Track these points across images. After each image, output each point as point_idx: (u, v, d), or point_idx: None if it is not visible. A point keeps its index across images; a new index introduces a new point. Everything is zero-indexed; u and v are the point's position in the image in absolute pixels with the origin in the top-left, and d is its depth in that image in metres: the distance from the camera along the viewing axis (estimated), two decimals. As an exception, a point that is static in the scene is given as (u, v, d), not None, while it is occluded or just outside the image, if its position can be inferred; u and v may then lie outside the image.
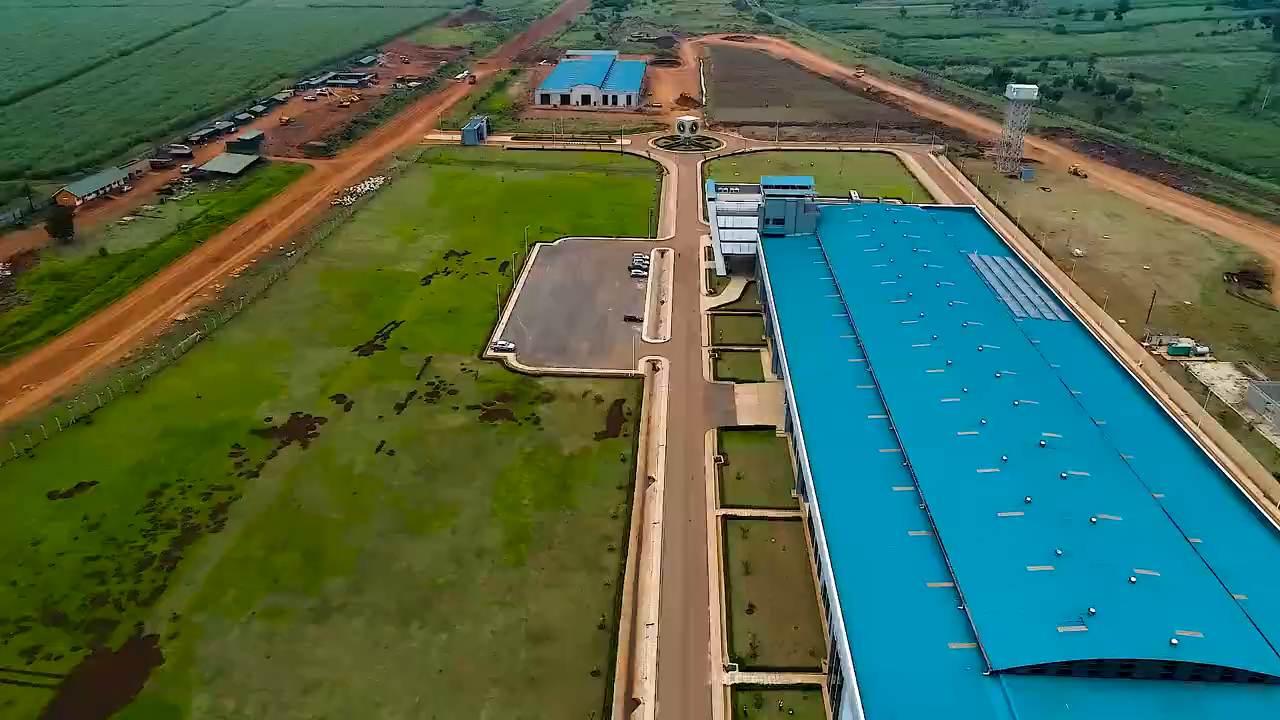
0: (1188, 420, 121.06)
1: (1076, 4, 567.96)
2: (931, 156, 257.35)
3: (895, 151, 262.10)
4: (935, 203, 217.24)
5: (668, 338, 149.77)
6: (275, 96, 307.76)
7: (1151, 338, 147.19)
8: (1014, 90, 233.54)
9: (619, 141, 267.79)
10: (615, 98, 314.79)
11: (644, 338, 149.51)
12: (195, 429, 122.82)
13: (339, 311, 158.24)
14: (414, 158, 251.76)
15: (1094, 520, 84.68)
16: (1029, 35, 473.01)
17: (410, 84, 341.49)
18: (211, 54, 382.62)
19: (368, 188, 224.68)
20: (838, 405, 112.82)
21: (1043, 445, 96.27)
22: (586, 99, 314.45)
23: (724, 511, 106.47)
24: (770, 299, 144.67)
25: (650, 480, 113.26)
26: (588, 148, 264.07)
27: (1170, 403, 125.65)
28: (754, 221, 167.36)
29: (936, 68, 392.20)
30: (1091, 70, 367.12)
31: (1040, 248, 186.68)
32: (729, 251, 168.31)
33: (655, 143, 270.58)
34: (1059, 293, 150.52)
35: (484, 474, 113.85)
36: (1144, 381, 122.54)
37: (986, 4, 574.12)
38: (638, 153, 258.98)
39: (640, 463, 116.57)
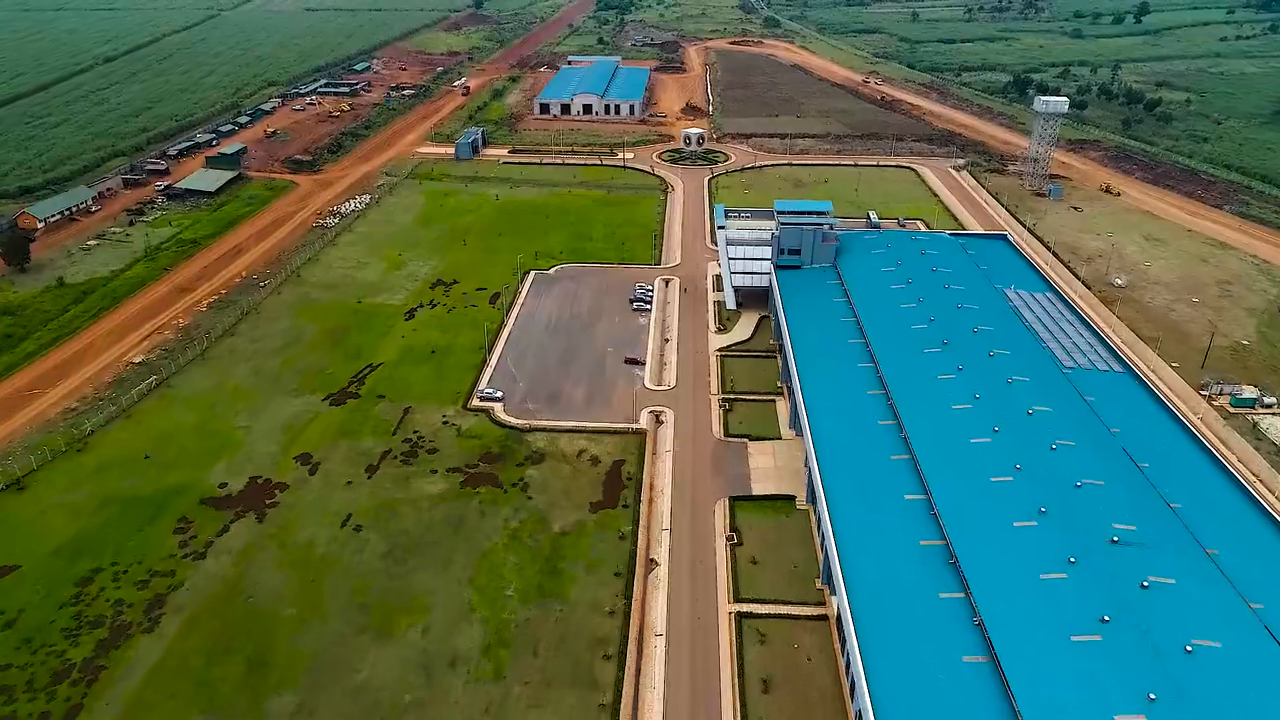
0: (1270, 497, 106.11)
1: (1093, 7, 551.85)
2: (952, 171, 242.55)
3: (914, 166, 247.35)
4: (959, 223, 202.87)
5: (673, 384, 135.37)
6: (262, 106, 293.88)
7: (1210, 385, 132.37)
8: (1042, 102, 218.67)
9: (621, 155, 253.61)
10: (618, 107, 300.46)
11: (646, 383, 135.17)
12: (139, 496, 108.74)
13: (312, 351, 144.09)
14: (404, 173, 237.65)
15: (1189, 649, 70.30)
16: (1045, 40, 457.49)
17: (404, 92, 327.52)
18: (200, 60, 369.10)
19: (353, 207, 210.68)
20: (867, 478, 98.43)
21: (1115, 542, 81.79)
22: (588, 109, 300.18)
23: (738, 607, 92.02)
24: (786, 340, 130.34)
25: (653, 564, 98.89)
26: (588, 162, 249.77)
27: (1242, 469, 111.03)
28: (767, 251, 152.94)
29: (952, 74, 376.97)
30: (1115, 77, 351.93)
31: (1078, 277, 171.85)
32: (740, 284, 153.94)
33: (660, 156, 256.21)
34: (1106, 335, 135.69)
35: (463, 555, 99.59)
36: (1223, 456, 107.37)
37: (1000, 7, 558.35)
38: (641, 168, 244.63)
39: (641, 541, 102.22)
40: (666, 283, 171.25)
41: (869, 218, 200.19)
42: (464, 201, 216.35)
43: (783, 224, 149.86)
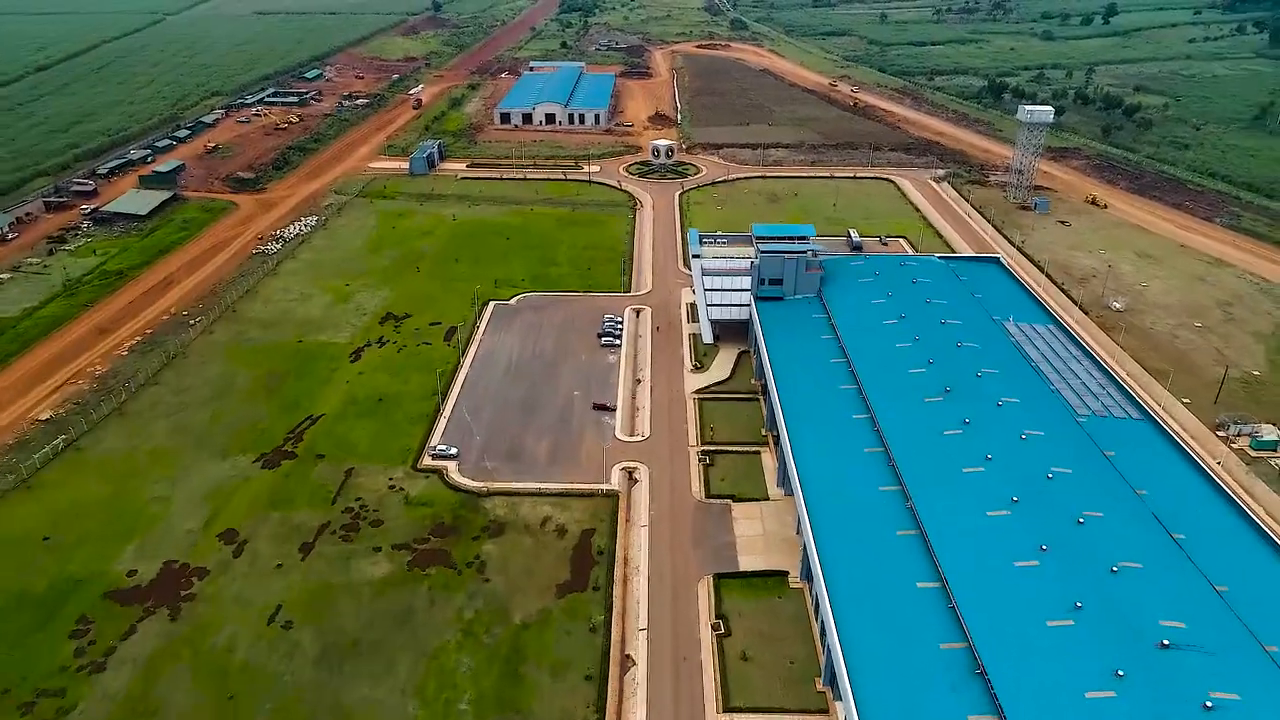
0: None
1: (1061, 8, 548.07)
2: (933, 183, 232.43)
3: (892, 178, 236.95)
4: (944, 240, 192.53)
5: (646, 434, 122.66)
6: (203, 119, 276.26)
7: (1228, 426, 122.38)
8: (1026, 112, 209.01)
9: (586, 169, 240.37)
10: (582, 116, 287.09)
11: (618, 433, 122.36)
12: (31, 592, 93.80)
13: (245, 402, 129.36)
14: (354, 191, 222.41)
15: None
16: (1016, 41, 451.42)
17: (357, 101, 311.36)
18: (139, 69, 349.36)
19: (298, 230, 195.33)
20: (870, 557, 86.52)
21: (1166, 646, 70.51)
22: (551, 118, 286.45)
23: (728, 719, 79.55)
24: (771, 384, 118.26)
25: (629, 662, 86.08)
26: (552, 176, 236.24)
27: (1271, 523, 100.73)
28: (745, 281, 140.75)
29: (924, 78, 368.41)
30: (1090, 80, 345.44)
31: (1073, 300, 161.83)
32: (717, 317, 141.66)
33: (627, 169, 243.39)
34: (1114, 371, 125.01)
35: (409, 657, 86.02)
36: (1259, 518, 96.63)
37: (969, 8, 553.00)
38: (608, 182, 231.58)
39: (615, 632, 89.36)
40: (637, 313, 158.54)
41: (849, 236, 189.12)
42: (419, 223, 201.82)
43: (763, 252, 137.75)
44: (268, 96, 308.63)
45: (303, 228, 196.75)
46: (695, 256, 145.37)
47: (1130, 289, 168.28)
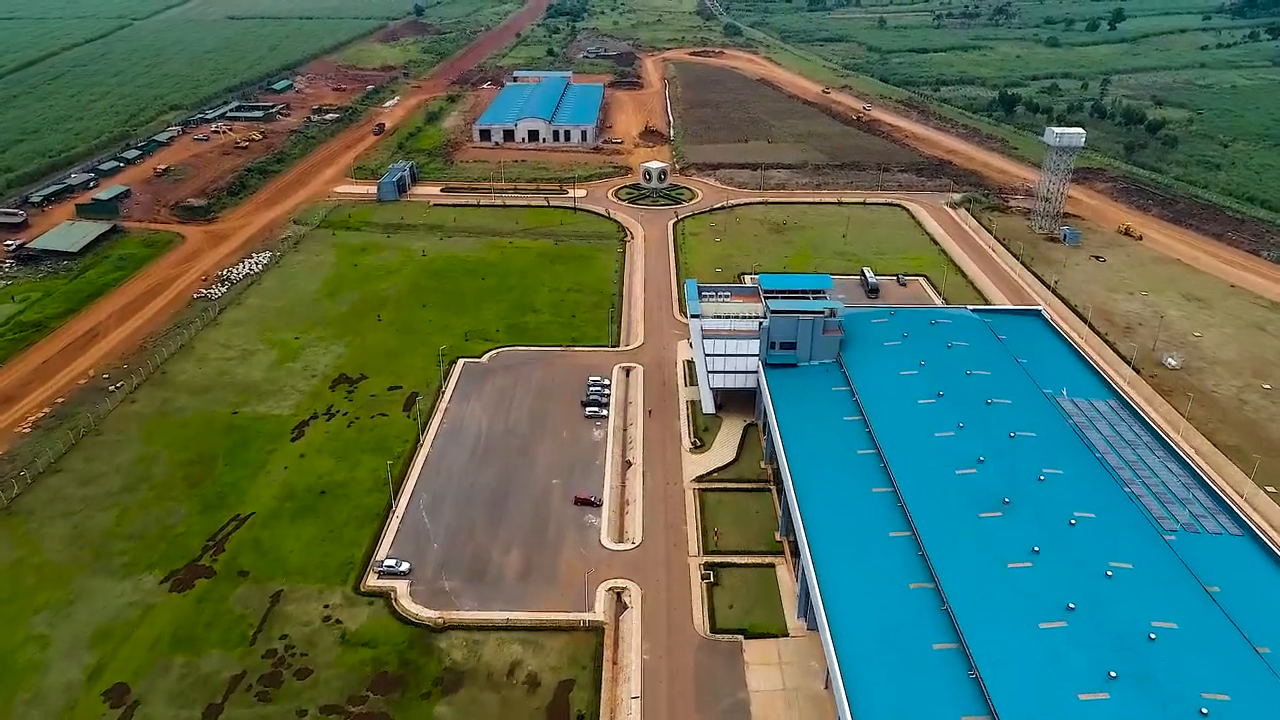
0: None
1: (1064, 13, 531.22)
2: (949, 210, 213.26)
3: (905, 203, 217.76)
4: (967, 279, 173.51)
5: (638, 539, 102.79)
6: (156, 137, 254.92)
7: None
8: (1055, 135, 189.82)
9: (572, 193, 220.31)
10: (568, 133, 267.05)
11: (604, 538, 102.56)
12: None
13: (161, 498, 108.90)
14: (316, 220, 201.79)
15: None
16: (1021, 49, 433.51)
17: (327, 116, 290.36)
18: (94, 80, 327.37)
19: (248, 269, 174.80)
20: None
21: None
22: (534, 135, 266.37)
23: None
24: (785, 474, 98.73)
25: None
26: (534, 203, 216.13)
27: None
28: (753, 345, 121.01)
29: (929, 88, 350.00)
30: (1105, 91, 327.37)
31: (1122, 356, 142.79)
32: (720, 385, 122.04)
33: (616, 194, 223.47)
34: (1200, 468, 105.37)
35: None
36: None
37: (969, 13, 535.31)
38: (595, 209, 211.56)
39: (599, 844, 69.60)
40: (628, 372, 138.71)
41: (864, 276, 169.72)
42: (383, 259, 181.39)
43: (773, 312, 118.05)
44: (231, 111, 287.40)
45: (254, 265, 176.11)
46: (694, 316, 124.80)
47: (1183, 341, 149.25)
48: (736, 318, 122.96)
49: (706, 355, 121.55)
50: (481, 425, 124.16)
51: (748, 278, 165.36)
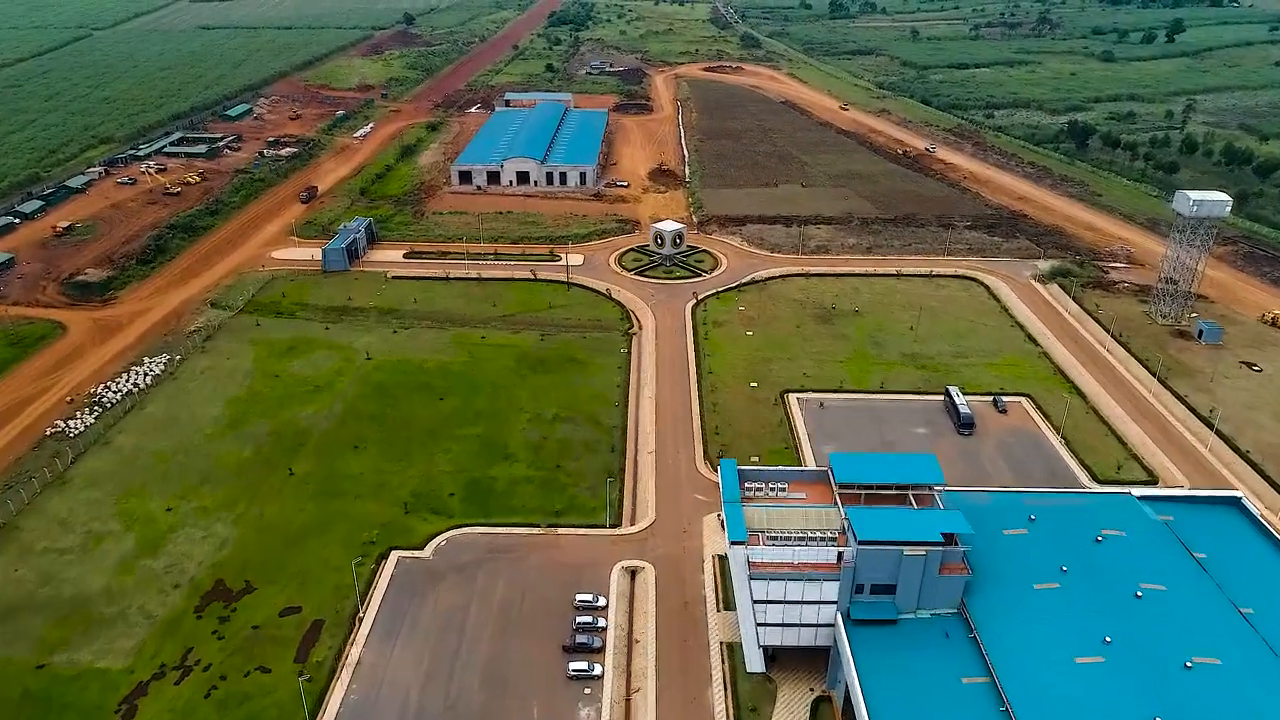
0: None
1: (1112, 23, 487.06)
2: (1038, 286, 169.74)
3: (980, 276, 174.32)
4: (1086, 400, 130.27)
5: None
6: (70, 181, 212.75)
7: None
8: (1192, 202, 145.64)
9: (565, 259, 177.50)
10: (564, 175, 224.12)
11: None
12: None
13: None
14: (238, 302, 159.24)
15: None
16: (1072, 64, 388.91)
17: (282, 150, 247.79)
18: (22, 105, 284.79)
19: (133, 383, 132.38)
20: None
21: None
22: (524, 177, 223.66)
23: None
24: None
25: None
26: (517, 274, 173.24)
27: None
28: (826, 589, 77.62)
29: (979, 112, 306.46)
30: (1187, 118, 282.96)
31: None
32: (775, 641, 79.14)
33: (620, 260, 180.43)
34: None
35: None
36: None
37: (1009, 22, 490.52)
38: (594, 285, 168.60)
39: None
40: (633, 577, 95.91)
41: (950, 399, 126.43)
42: (315, 365, 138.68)
43: (861, 542, 74.88)
44: (170, 145, 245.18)
45: (142, 377, 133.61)
46: (735, 543, 79.82)
47: None
48: (798, 539, 79.26)
49: (756, 602, 78.08)
50: (409, 698, 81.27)
51: (803, 438, 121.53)
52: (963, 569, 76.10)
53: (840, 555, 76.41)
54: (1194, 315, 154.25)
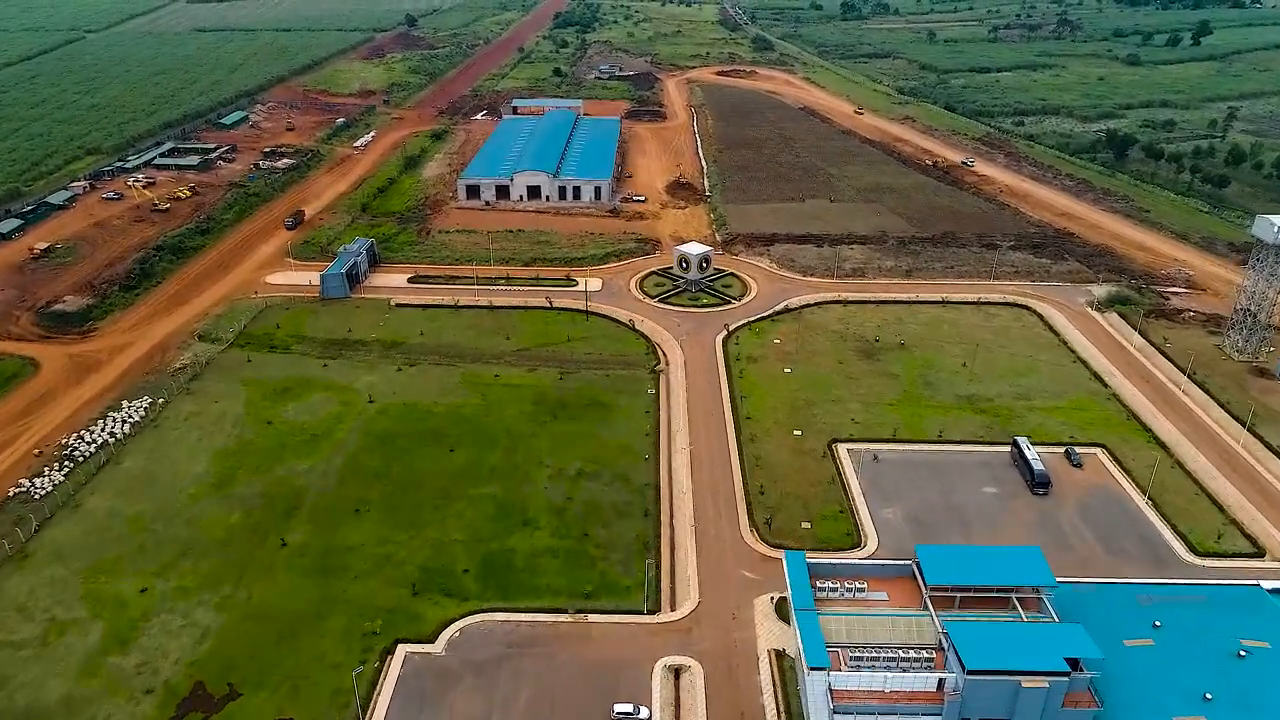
0: None
1: (1133, 24, 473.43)
2: (1096, 316, 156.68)
3: (1032, 304, 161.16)
4: (1165, 449, 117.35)
5: None
6: (51, 196, 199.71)
7: None
8: (1275, 228, 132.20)
9: (583, 283, 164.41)
10: (577, 190, 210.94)
11: None
12: None
13: None
14: (229, 334, 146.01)
15: None
16: (1097, 67, 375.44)
17: (279, 162, 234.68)
18: (7, 113, 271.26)
19: (108, 432, 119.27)
20: None
21: None
22: (535, 192, 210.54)
23: None
24: None
25: None
26: (531, 302, 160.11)
27: None
28: None
29: (1006, 118, 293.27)
30: (1228, 127, 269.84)
31: None
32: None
33: (642, 285, 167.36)
34: None
35: None
36: None
37: (1028, 24, 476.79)
38: (614, 315, 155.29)
39: None
40: (677, 677, 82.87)
41: (1018, 451, 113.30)
42: (312, 410, 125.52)
43: (970, 673, 61.84)
44: (160, 157, 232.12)
45: (120, 425, 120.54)
46: (815, 669, 66.81)
47: None
48: (888, 659, 66.25)
49: (838, 735, 65.11)
50: (421, 843, 68.36)
51: (860, 508, 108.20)
52: (1090, 701, 63.11)
53: (941, 683, 63.41)
54: (1271, 350, 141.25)
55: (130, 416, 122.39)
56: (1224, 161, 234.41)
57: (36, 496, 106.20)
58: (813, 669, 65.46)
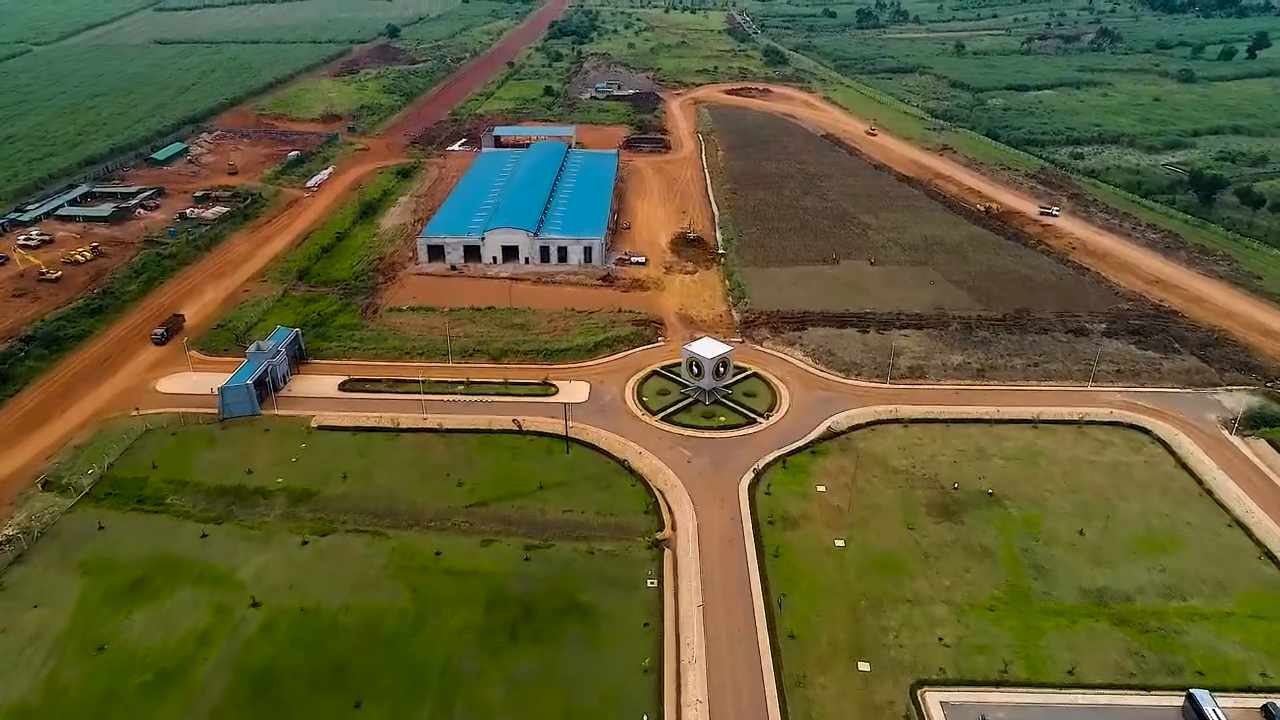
0: None
1: (1176, 34, 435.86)
2: (1235, 440, 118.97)
3: (1148, 423, 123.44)
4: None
5: None
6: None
7: None
8: None
9: (562, 390, 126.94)
10: (564, 251, 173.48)
11: None
12: None
13: None
14: (86, 479, 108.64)
15: None
16: (1149, 85, 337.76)
17: (208, 212, 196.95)
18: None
19: None
20: None
21: None
22: (511, 253, 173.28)
23: None
24: None
25: None
26: (494, 423, 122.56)
27: None
28: None
29: (1060, 149, 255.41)
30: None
31: None
32: None
33: (639, 393, 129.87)
34: None
35: None
36: None
37: (1065, 35, 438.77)
38: (604, 446, 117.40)
39: None
40: None
41: (1193, 706, 75.78)
42: (168, 624, 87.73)
43: None
44: (68, 204, 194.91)
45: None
46: None
47: None
48: None
49: None
50: None
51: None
52: None
53: None
54: None
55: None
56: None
57: None
58: None
